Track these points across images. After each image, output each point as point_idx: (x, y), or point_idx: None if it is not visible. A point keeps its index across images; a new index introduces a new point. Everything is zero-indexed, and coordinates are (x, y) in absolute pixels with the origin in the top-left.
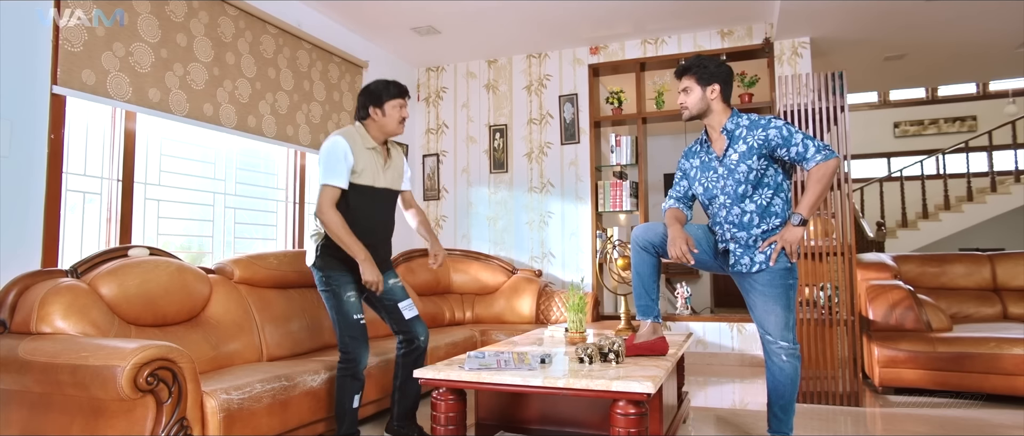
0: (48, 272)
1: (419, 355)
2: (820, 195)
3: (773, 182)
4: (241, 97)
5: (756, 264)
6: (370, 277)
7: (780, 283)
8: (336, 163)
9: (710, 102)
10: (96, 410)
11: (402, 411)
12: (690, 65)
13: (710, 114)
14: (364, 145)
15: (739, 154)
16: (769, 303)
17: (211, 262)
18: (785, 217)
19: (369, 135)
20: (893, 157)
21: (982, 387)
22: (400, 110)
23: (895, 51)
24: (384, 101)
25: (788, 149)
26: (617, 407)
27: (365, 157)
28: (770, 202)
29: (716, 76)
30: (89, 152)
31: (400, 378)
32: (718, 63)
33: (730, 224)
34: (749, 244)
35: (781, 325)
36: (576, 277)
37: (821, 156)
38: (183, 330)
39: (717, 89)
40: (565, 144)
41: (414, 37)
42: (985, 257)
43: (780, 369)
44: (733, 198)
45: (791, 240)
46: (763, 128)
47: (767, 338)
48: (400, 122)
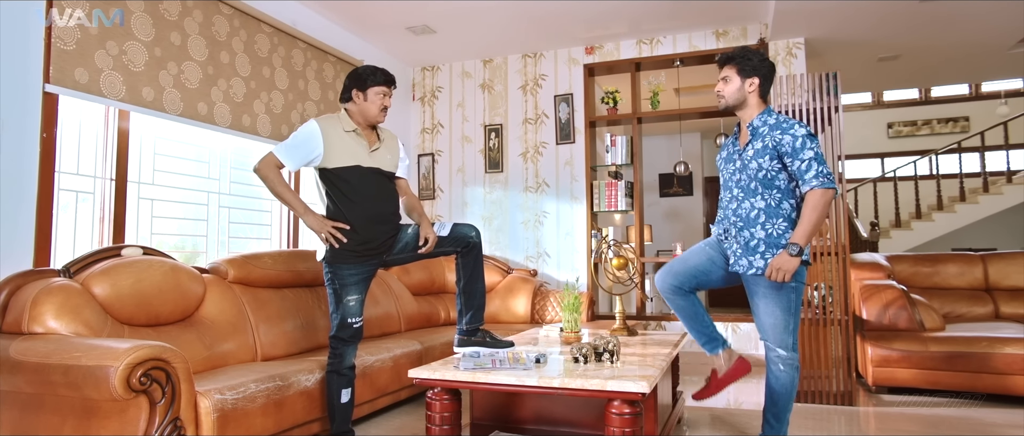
0: (40, 272)
1: (476, 252)
2: (816, 224)
3: (785, 186)
4: (235, 96)
5: (754, 268)
6: (316, 226)
7: (782, 284)
8: (295, 145)
9: (747, 95)
10: (89, 411)
11: (469, 314)
12: (734, 55)
13: (745, 107)
14: (343, 128)
15: (755, 150)
16: (770, 305)
17: (205, 262)
18: (792, 222)
19: (351, 119)
20: (886, 157)
21: (975, 386)
22: (382, 98)
23: (889, 52)
24: (368, 87)
25: (794, 160)
26: (612, 407)
27: (342, 139)
28: (779, 204)
29: (758, 70)
30: (82, 151)
31: (463, 280)
32: (762, 58)
33: (737, 217)
34: (750, 246)
35: (780, 328)
36: (571, 277)
37: (818, 182)
38: (177, 330)
39: (756, 83)
40: (560, 144)
41: (409, 36)
42: (978, 257)
43: (776, 378)
44: (745, 192)
45: (785, 269)
46: (784, 131)
47: (766, 344)
48: (381, 110)
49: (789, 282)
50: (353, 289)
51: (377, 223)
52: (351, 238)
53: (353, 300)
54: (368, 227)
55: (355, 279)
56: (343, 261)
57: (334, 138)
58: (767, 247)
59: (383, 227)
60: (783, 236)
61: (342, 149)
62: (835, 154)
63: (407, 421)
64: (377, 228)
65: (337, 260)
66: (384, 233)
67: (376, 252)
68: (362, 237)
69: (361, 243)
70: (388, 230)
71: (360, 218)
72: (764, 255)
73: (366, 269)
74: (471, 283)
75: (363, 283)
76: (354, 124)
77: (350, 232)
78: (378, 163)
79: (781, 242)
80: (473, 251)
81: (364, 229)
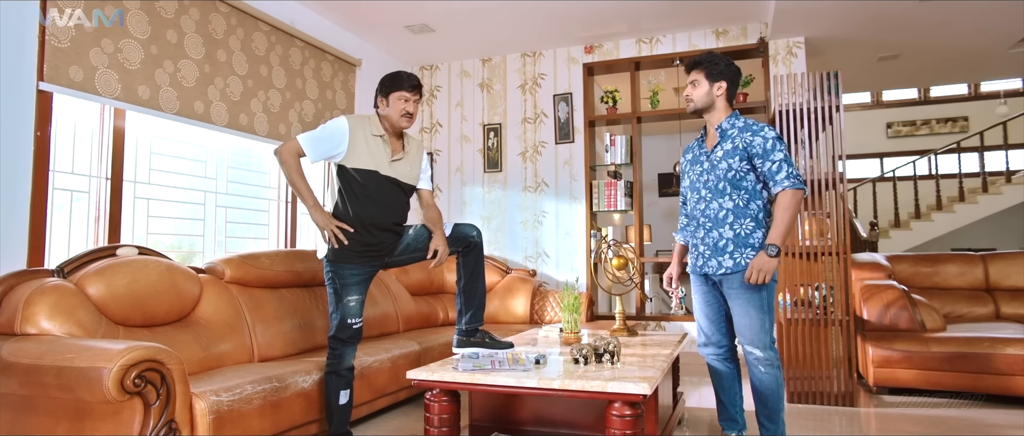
0: (34, 272)
1: (477, 252)
2: (789, 225)
3: (752, 187)
4: (232, 95)
5: (723, 268)
6: (321, 222)
7: (754, 284)
8: (321, 137)
9: (715, 99)
10: (82, 413)
11: (469, 314)
12: (701, 60)
13: (712, 110)
14: (371, 131)
15: (725, 151)
16: (743, 305)
17: (202, 262)
18: (759, 222)
19: (380, 125)
20: (886, 157)
21: (976, 387)
22: (404, 103)
23: (889, 51)
24: (390, 92)
25: (764, 161)
26: (613, 408)
27: (368, 142)
28: (747, 204)
29: (725, 74)
30: (77, 150)
31: (463, 279)
32: (728, 62)
33: (706, 218)
34: (718, 246)
35: (756, 329)
36: (570, 277)
37: (790, 183)
38: (173, 331)
39: (723, 87)
40: (559, 143)
41: (408, 35)
42: (978, 257)
43: (759, 381)
44: (713, 192)
45: (765, 270)
46: (754, 133)
47: (745, 347)
48: (403, 115)
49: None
50: (354, 289)
51: (380, 231)
52: (354, 239)
53: (353, 300)
54: (371, 232)
55: (356, 279)
56: (345, 260)
57: (360, 139)
58: (735, 247)
59: (385, 235)
60: (751, 235)
61: (365, 151)
62: (835, 154)
63: (406, 422)
64: (379, 235)
65: (339, 259)
66: (386, 239)
67: (378, 254)
68: (365, 240)
69: (363, 245)
70: (390, 238)
71: (365, 222)
72: (733, 255)
73: (367, 270)
74: (471, 282)
75: (364, 284)
76: (382, 129)
77: (353, 234)
78: (396, 174)
79: (749, 241)
80: (474, 251)
81: (367, 233)
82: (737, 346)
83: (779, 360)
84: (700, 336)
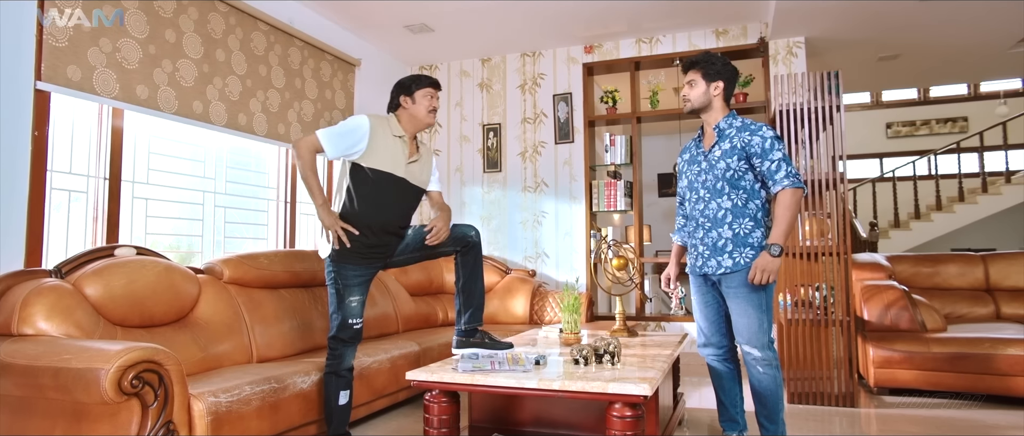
0: (31, 272)
1: (476, 252)
2: (790, 224)
3: (750, 187)
4: (231, 95)
5: (723, 268)
6: (327, 222)
7: (755, 284)
8: (340, 133)
9: (712, 98)
10: (79, 414)
11: (468, 315)
12: (698, 59)
13: (709, 110)
14: (391, 132)
15: (723, 151)
16: (742, 305)
17: (200, 262)
18: (758, 221)
19: (400, 125)
20: (885, 158)
21: (977, 387)
22: (431, 100)
23: (889, 51)
24: (415, 90)
25: (763, 160)
26: (613, 409)
27: (387, 143)
28: (746, 204)
29: (721, 74)
30: (75, 150)
31: (462, 279)
32: (725, 62)
33: (705, 218)
34: (718, 246)
35: (754, 328)
36: (570, 277)
37: (789, 182)
38: (171, 331)
39: (720, 87)
40: (559, 143)
41: (407, 35)
42: (978, 257)
43: (758, 381)
44: (711, 192)
45: (769, 270)
46: (752, 133)
47: (743, 347)
48: (430, 112)
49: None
50: (356, 289)
51: (386, 232)
52: (357, 240)
53: (355, 301)
54: (376, 233)
55: (359, 280)
56: (348, 261)
57: (380, 139)
58: (734, 246)
59: (389, 237)
60: (750, 235)
61: (384, 151)
62: (836, 154)
63: (405, 423)
64: (384, 237)
65: (342, 259)
66: (390, 241)
67: (381, 255)
68: (369, 241)
69: (367, 246)
70: (393, 240)
71: (372, 222)
72: (732, 254)
73: (370, 270)
74: (470, 282)
75: (366, 284)
76: (402, 130)
77: (358, 236)
78: (410, 176)
79: (748, 241)
80: (473, 250)
81: (372, 234)
82: (736, 346)
83: (777, 360)
84: (700, 336)
